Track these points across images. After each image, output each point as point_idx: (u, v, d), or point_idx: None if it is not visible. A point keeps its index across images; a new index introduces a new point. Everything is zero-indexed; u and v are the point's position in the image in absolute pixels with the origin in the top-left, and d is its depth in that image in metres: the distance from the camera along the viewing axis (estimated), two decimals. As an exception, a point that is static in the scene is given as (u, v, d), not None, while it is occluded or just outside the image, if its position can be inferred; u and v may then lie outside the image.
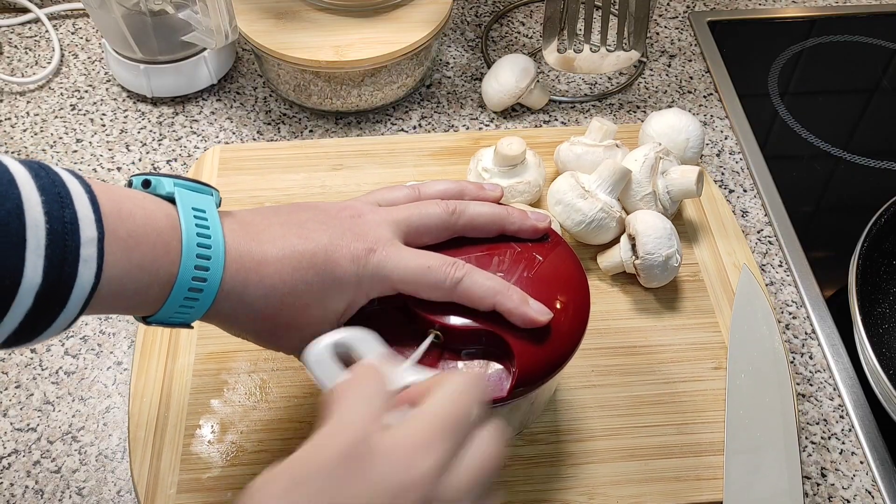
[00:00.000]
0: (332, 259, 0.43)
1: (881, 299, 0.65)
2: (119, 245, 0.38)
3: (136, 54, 0.77)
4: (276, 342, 0.46)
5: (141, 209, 0.40)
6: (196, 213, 0.42)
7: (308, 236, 0.44)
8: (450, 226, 0.47)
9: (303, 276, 0.43)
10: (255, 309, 0.43)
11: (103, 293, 0.38)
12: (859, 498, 0.56)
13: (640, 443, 0.56)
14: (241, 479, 0.54)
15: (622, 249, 0.62)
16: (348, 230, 0.44)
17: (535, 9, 0.92)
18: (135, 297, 0.40)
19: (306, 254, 0.43)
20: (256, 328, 0.45)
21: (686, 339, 0.61)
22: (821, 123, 0.81)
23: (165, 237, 0.40)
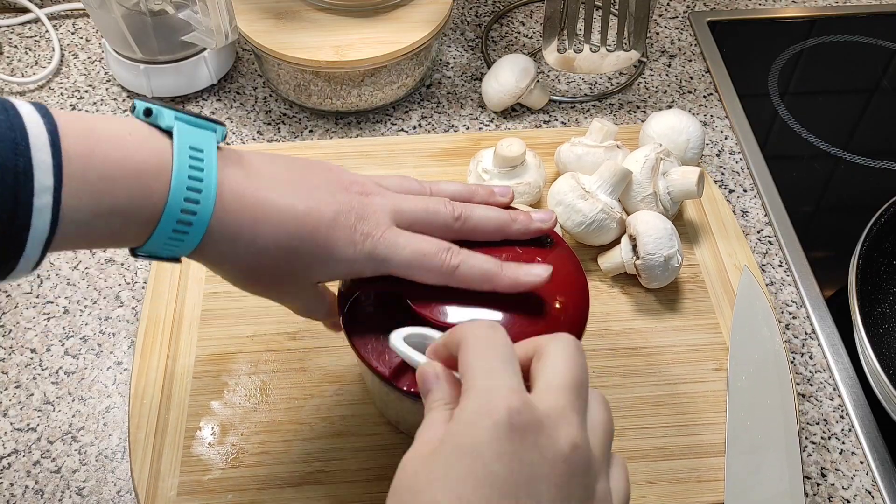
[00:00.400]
0: (332, 238, 0.43)
1: (881, 299, 0.65)
2: (86, 189, 0.36)
3: (136, 54, 0.77)
4: (258, 291, 0.45)
5: (120, 150, 0.38)
6: (192, 154, 0.40)
7: (314, 207, 0.42)
8: (453, 229, 0.47)
9: (298, 246, 0.42)
10: (243, 262, 0.42)
11: (69, 235, 0.37)
12: (859, 498, 0.56)
13: (640, 444, 0.56)
14: (242, 480, 0.54)
15: (623, 250, 0.62)
16: (354, 209, 0.44)
17: (535, 9, 0.92)
18: (109, 236, 0.39)
19: (307, 225, 0.42)
20: (241, 278, 0.44)
21: (687, 340, 0.61)
22: (821, 123, 0.81)
23: (146, 179, 0.38)
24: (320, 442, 0.55)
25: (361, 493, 0.53)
